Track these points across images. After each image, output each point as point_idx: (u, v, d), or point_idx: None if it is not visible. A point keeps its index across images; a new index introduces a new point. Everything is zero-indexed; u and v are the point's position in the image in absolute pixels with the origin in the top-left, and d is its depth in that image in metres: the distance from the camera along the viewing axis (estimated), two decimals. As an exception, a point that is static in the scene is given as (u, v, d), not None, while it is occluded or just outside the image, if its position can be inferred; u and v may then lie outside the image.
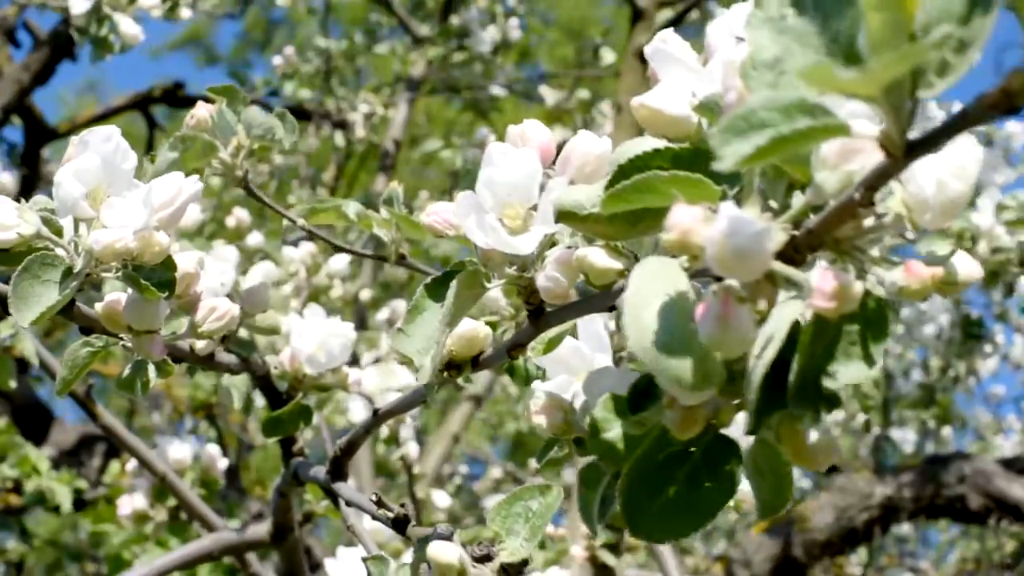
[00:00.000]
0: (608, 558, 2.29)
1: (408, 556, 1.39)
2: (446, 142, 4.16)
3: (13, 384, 1.49)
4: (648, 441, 0.44)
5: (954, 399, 4.60)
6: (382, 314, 2.70)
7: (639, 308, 0.38)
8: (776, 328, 0.36)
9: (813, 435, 0.40)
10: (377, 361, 2.44)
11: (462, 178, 3.98)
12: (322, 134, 4.62)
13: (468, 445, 5.32)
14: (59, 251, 0.71)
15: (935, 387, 4.15)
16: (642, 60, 3.60)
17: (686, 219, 0.37)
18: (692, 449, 0.44)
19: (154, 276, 0.72)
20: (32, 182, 3.86)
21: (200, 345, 0.93)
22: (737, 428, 0.44)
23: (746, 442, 0.43)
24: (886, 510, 3.27)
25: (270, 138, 1.00)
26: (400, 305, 2.68)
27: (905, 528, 4.55)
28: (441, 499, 2.82)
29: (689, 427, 0.42)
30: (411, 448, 2.27)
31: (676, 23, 3.74)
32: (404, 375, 2.24)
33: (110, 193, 0.69)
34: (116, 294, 0.76)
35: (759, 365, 0.36)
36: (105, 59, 1.69)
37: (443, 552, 0.60)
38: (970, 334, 3.91)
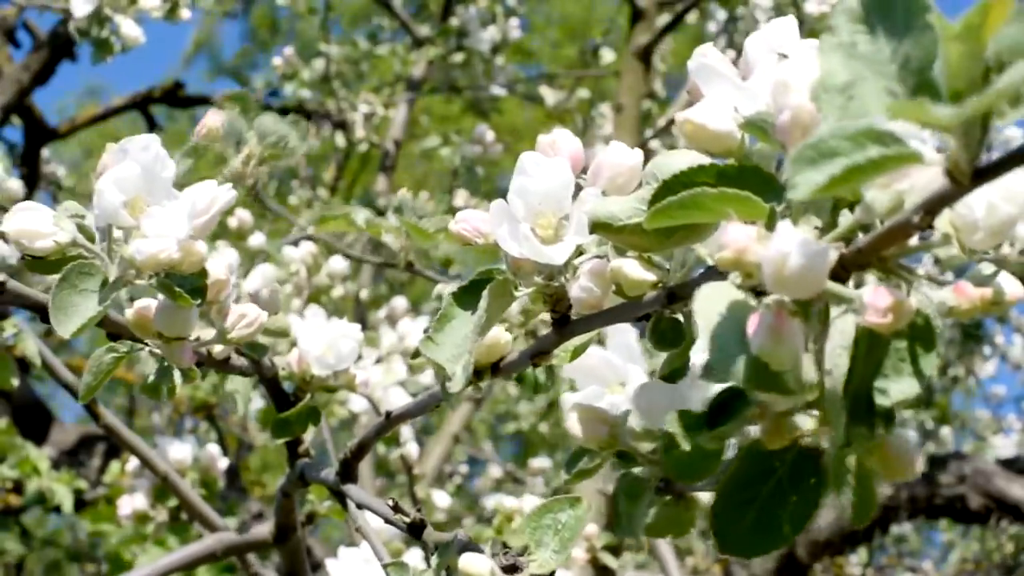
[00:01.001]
0: (609, 560, 2.29)
1: (408, 557, 1.39)
2: (444, 139, 4.16)
3: (15, 383, 1.49)
4: (736, 461, 0.45)
5: (953, 399, 4.61)
6: (382, 312, 2.70)
7: (710, 325, 0.38)
8: (842, 340, 0.37)
9: (897, 447, 0.41)
10: (379, 361, 2.44)
11: (460, 176, 3.98)
12: (322, 134, 4.62)
13: (468, 444, 5.33)
14: (95, 260, 0.71)
15: (934, 388, 4.16)
16: (642, 60, 3.61)
17: (741, 238, 0.37)
18: (777, 464, 0.45)
19: (187, 283, 0.73)
20: (32, 182, 3.85)
21: (217, 349, 0.93)
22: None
23: (828, 456, 0.43)
24: (886, 510, 3.28)
25: (283, 146, 1.00)
26: (399, 303, 2.67)
27: (906, 528, 4.56)
28: (441, 499, 2.83)
29: (779, 437, 0.43)
30: (411, 448, 2.27)
31: (676, 23, 3.74)
32: (405, 372, 2.24)
33: (149, 202, 0.69)
34: (146, 300, 0.76)
35: (836, 376, 0.37)
36: (106, 61, 1.69)
37: (474, 564, 0.60)
38: (969, 335, 3.92)
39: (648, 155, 0.57)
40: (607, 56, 4.80)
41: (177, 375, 0.81)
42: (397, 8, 4.42)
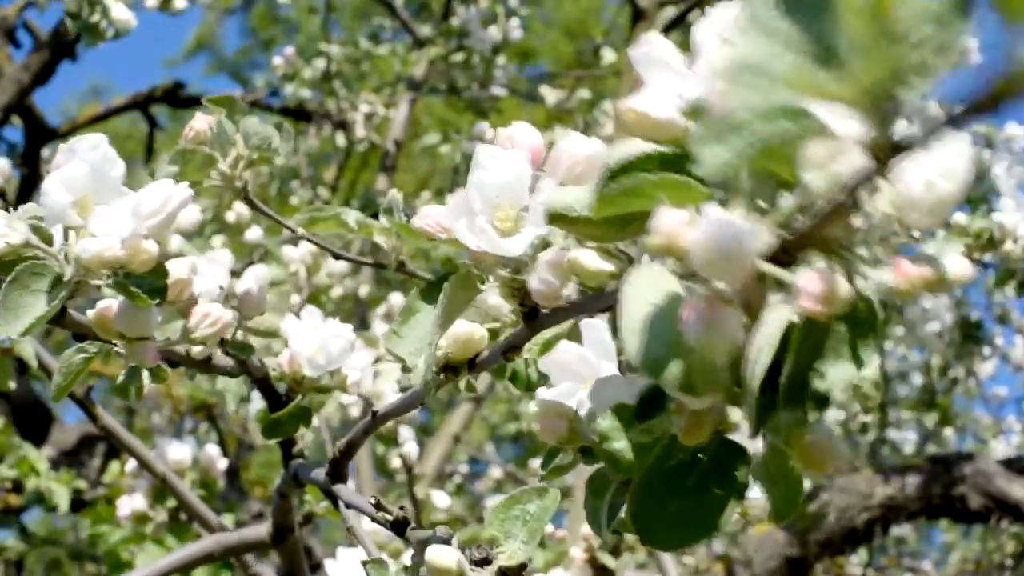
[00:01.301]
0: (608, 560, 2.29)
1: (406, 558, 1.39)
2: (444, 137, 4.16)
3: (13, 385, 1.49)
4: (657, 450, 0.44)
5: (954, 400, 4.60)
6: (380, 310, 2.71)
7: (635, 315, 0.38)
8: (769, 331, 0.36)
9: (818, 440, 0.40)
10: (378, 360, 2.44)
11: (461, 174, 3.98)
12: (322, 134, 4.63)
13: (469, 444, 5.33)
14: (48, 260, 0.70)
15: (935, 388, 4.15)
16: (642, 60, 3.61)
17: (671, 222, 0.37)
18: (700, 456, 0.44)
19: (145, 283, 0.72)
20: (33, 182, 3.86)
21: (196, 349, 0.93)
22: (743, 434, 0.44)
23: (755, 448, 0.43)
24: (887, 510, 3.27)
25: (267, 147, 0.99)
26: (397, 300, 2.68)
27: (906, 528, 4.55)
28: (441, 499, 2.83)
29: (697, 433, 0.42)
30: (411, 448, 2.27)
31: (677, 23, 3.73)
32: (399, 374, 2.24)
33: (98, 201, 0.69)
34: (107, 301, 0.76)
35: (756, 368, 0.36)
36: (97, 46, 1.69)
37: (441, 556, 0.60)
38: (968, 336, 3.91)
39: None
40: (608, 56, 4.80)
41: (145, 375, 0.81)
42: (398, 8, 4.42)
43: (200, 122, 1.01)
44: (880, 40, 0.30)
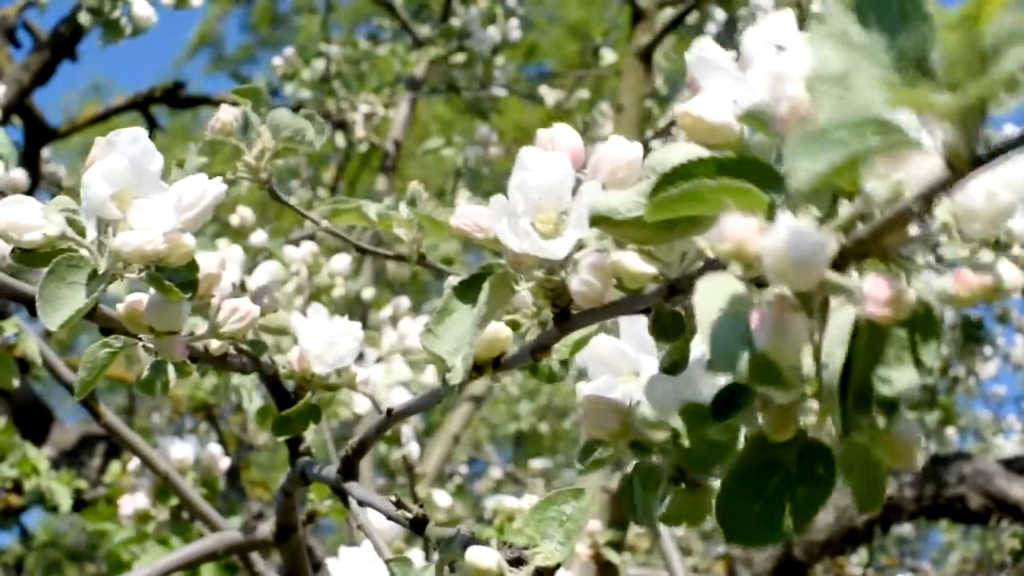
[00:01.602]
0: (612, 556, 2.30)
1: (414, 555, 1.39)
2: (447, 140, 4.16)
3: (16, 383, 1.49)
4: (742, 450, 0.45)
5: (955, 400, 4.61)
6: (385, 311, 2.70)
7: (709, 318, 0.39)
8: (838, 333, 0.37)
9: (902, 433, 0.41)
10: (379, 360, 2.44)
11: (463, 177, 3.98)
12: (322, 134, 4.61)
13: (469, 444, 5.34)
14: (83, 252, 0.71)
15: (937, 388, 4.16)
16: (643, 60, 3.61)
17: (740, 228, 0.37)
18: (785, 455, 0.45)
19: (177, 277, 0.73)
20: (33, 182, 3.85)
21: (215, 345, 0.93)
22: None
23: (836, 445, 0.43)
24: (887, 510, 3.27)
25: (299, 139, 1.00)
26: (403, 302, 2.67)
27: (906, 528, 4.56)
28: (442, 499, 2.83)
29: (784, 428, 0.43)
30: (412, 448, 2.27)
31: (676, 24, 3.74)
32: (406, 372, 2.24)
33: (137, 195, 0.69)
34: (138, 295, 0.76)
35: (831, 371, 0.37)
36: (116, 43, 1.68)
37: (482, 557, 0.60)
38: (969, 336, 3.92)
39: (649, 154, 0.57)
40: (608, 56, 4.80)
41: (171, 370, 0.81)
42: (398, 8, 4.42)
43: (226, 113, 1.01)
44: (974, 55, 0.30)
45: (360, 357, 2.45)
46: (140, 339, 0.79)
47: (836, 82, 0.32)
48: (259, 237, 2.48)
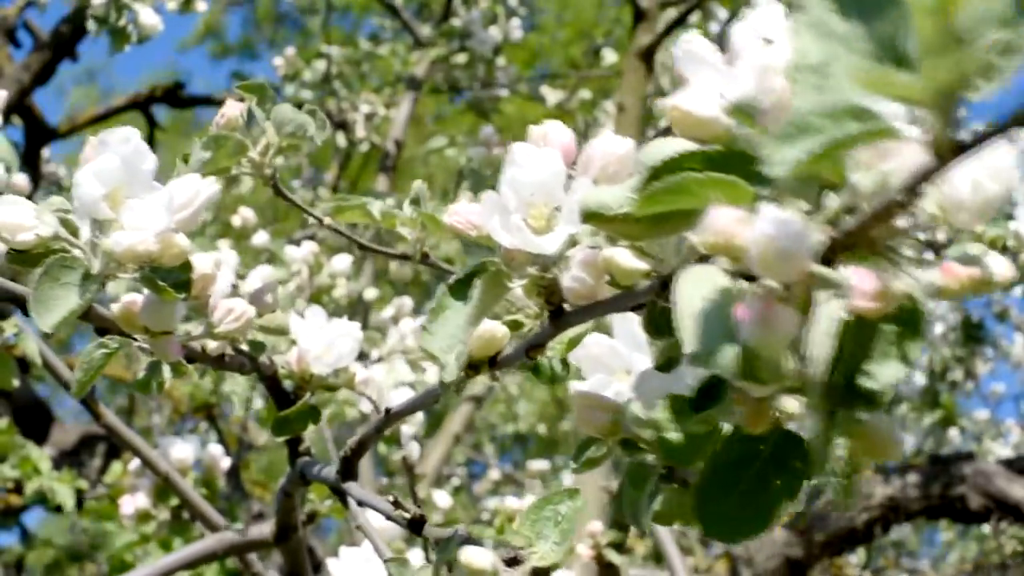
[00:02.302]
0: (614, 557, 2.30)
1: (414, 555, 1.38)
2: (451, 140, 4.16)
3: (16, 383, 1.49)
4: (718, 443, 0.45)
5: (956, 400, 4.60)
6: (387, 311, 2.71)
7: (690, 311, 0.39)
8: (825, 326, 0.37)
9: (877, 428, 0.41)
10: (380, 360, 2.44)
11: (467, 177, 3.98)
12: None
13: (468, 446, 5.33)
14: (76, 252, 0.70)
15: (938, 389, 4.16)
16: (644, 60, 3.61)
17: (726, 221, 0.37)
18: (761, 448, 0.45)
19: (171, 277, 0.73)
20: (33, 182, 3.86)
21: (212, 346, 0.93)
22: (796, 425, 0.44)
23: (813, 438, 0.43)
24: (887, 510, 3.27)
25: (302, 135, 0.99)
26: (405, 302, 2.68)
27: (905, 529, 4.55)
28: (442, 499, 2.83)
29: (759, 421, 0.43)
30: (412, 448, 2.27)
31: (678, 24, 3.73)
32: (408, 372, 2.24)
33: (129, 195, 0.69)
34: (132, 295, 0.76)
35: (817, 364, 0.37)
36: (123, 50, 1.68)
37: (477, 557, 0.60)
38: (970, 336, 3.92)
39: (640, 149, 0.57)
40: (609, 57, 4.80)
41: (167, 370, 0.81)
42: (399, 8, 4.42)
43: (232, 108, 1.01)
44: (948, 41, 0.30)
45: (362, 357, 2.45)
46: (135, 339, 0.79)
47: (815, 71, 0.32)
48: (261, 238, 2.48)
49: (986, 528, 3.27)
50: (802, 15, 0.32)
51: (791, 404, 0.42)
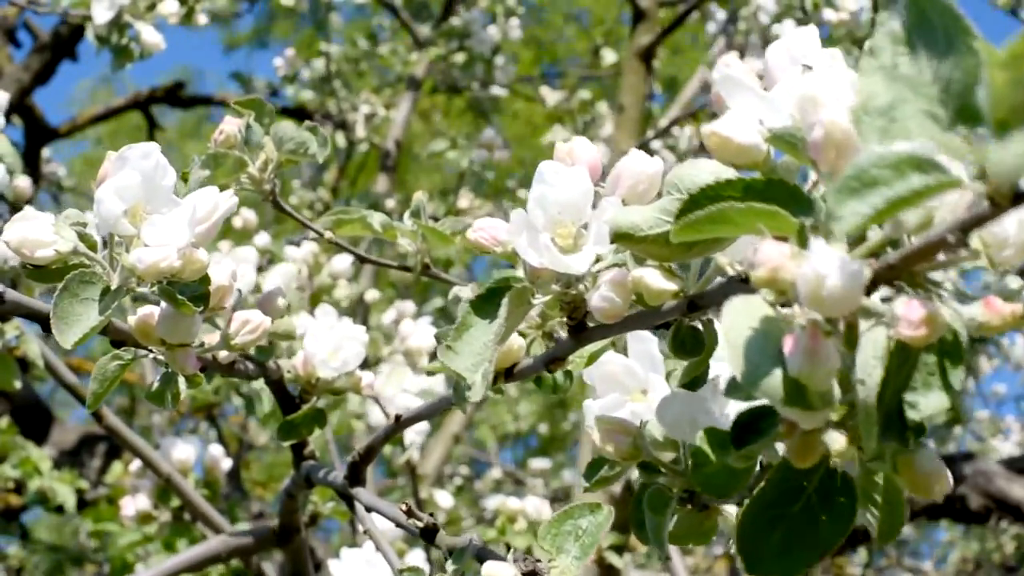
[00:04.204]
0: (615, 559, 2.30)
1: (410, 558, 1.38)
2: (452, 143, 4.16)
3: (18, 385, 1.49)
4: (765, 477, 0.45)
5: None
6: (388, 315, 2.70)
7: (738, 341, 0.38)
8: (873, 353, 0.37)
9: (925, 465, 0.41)
10: (378, 363, 2.44)
11: (467, 179, 3.98)
12: (323, 134, 4.60)
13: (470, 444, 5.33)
14: (96, 268, 0.70)
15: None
16: (643, 60, 3.61)
17: (776, 256, 0.37)
18: (806, 484, 0.45)
19: (189, 290, 0.72)
20: (33, 182, 3.85)
21: (223, 354, 0.93)
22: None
23: (857, 473, 0.43)
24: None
25: (303, 152, 0.99)
26: (406, 307, 2.67)
27: (906, 528, 4.55)
28: (444, 499, 2.83)
29: (808, 455, 0.42)
30: (416, 449, 2.27)
31: (678, 24, 3.73)
32: (412, 377, 2.24)
33: (150, 210, 0.69)
34: (149, 308, 0.76)
35: (868, 389, 0.37)
36: (125, 67, 1.68)
37: (499, 573, 0.60)
38: (971, 338, 3.90)
39: (649, 155, 0.57)
40: (609, 57, 4.80)
41: (181, 381, 0.81)
42: (398, 8, 4.42)
43: (230, 125, 1.01)
44: (1021, 94, 0.30)
45: (367, 363, 2.44)
46: (151, 351, 0.79)
47: (881, 114, 0.32)
48: (262, 239, 2.48)
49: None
50: (872, 58, 0.32)
51: (838, 440, 0.42)
